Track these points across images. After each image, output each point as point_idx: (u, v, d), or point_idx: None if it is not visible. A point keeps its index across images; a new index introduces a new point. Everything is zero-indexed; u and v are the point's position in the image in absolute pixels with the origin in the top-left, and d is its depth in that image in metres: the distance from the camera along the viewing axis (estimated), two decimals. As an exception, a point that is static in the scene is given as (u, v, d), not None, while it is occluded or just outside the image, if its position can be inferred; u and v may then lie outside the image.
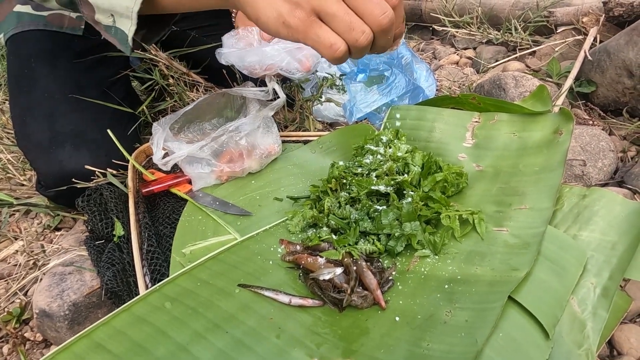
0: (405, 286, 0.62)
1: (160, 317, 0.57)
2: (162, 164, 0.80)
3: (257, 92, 0.86)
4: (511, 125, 0.87)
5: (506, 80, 1.10)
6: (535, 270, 0.59)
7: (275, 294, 0.61)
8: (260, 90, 0.86)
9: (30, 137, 0.91)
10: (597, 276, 0.60)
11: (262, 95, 0.85)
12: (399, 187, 0.73)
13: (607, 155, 0.90)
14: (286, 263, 0.68)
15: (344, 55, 0.52)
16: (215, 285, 0.62)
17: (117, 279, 0.70)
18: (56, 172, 0.87)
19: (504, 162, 0.82)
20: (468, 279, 0.60)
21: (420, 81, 1.11)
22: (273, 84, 0.85)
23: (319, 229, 0.72)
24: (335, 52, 0.51)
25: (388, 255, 0.68)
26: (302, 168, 0.90)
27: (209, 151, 0.82)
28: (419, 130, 0.92)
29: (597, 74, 1.06)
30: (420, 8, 1.67)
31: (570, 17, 1.27)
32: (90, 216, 0.81)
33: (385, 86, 1.01)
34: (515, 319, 0.54)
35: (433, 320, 0.55)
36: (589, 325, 0.55)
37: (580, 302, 0.57)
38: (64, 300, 0.71)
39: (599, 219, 0.68)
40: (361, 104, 1.00)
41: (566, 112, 0.81)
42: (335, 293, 0.60)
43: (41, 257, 0.86)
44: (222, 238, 0.74)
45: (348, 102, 1.03)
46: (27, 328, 0.77)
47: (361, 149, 0.82)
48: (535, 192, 0.72)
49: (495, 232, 0.68)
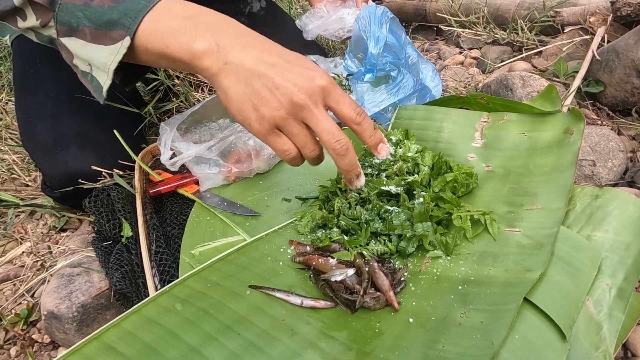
0: (417, 287, 0.61)
1: (171, 318, 0.56)
2: (169, 165, 0.79)
3: None
4: (520, 125, 0.86)
5: (513, 80, 1.10)
6: (549, 271, 0.58)
7: (287, 295, 0.60)
8: None
9: (35, 138, 0.90)
10: (612, 277, 0.60)
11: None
12: (409, 187, 0.72)
13: (616, 156, 0.89)
14: (296, 264, 0.67)
15: (297, 160, 0.59)
16: (225, 287, 0.62)
17: (126, 280, 0.70)
18: (61, 173, 0.87)
19: (514, 162, 0.81)
20: (482, 280, 0.59)
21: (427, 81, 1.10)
22: None
23: (328, 229, 0.72)
24: (287, 157, 0.58)
25: (399, 256, 0.67)
26: (310, 168, 0.89)
27: (216, 151, 0.81)
28: (427, 130, 0.92)
29: (605, 73, 1.05)
30: (424, 8, 1.66)
31: (577, 17, 1.26)
32: (97, 217, 0.81)
33: (393, 86, 1.01)
34: (531, 321, 0.53)
35: (447, 321, 0.54)
36: (605, 326, 0.54)
37: (595, 303, 0.57)
38: (72, 302, 0.70)
39: (612, 219, 0.67)
40: (369, 103, 0.99)
41: (576, 112, 0.80)
42: (347, 294, 0.59)
43: (48, 259, 0.86)
44: (231, 239, 0.74)
45: (356, 102, 1.02)
46: (34, 330, 0.77)
47: (370, 149, 0.82)
48: (546, 193, 0.72)
49: (508, 232, 0.67)
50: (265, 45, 0.57)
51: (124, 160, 0.89)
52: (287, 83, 0.53)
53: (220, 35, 0.55)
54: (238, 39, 0.56)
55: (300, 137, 0.56)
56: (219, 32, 0.56)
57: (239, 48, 0.54)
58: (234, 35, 0.56)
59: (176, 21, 0.55)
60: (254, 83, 0.54)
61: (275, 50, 0.57)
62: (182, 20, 0.55)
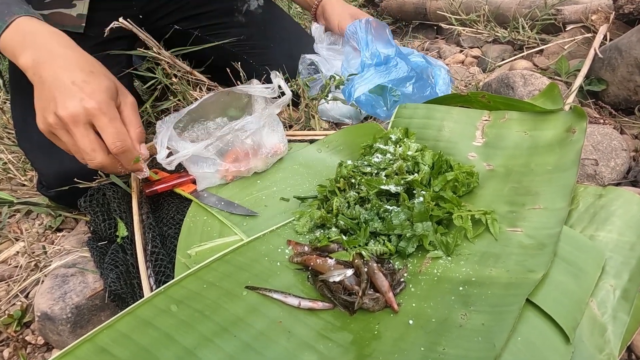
0: (417, 288, 0.60)
1: (166, 320, 0.55)
2: (165, 163, 0.78)
3: (263, 89, 0.84)
4: (522, 124, 0.85)
5: (514, 79, 1.09)
6: (552, 271, 0.57)
7: (284, 296, 0.59)
8: (265, 88, 0.84)
9: (31, 138, 0.89)
10: (616, 278, 0.58)
11: (268, 93, 0.84)
12: (409, 186, 0.71)
13: (619, 155, 0.88)
14: (294, 264, 0.66)
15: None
16: (222, 288, 0.61)
17: (121, 280, 0.69)
18: (57, 172, 0.86)
19: (516, 161, 0.80)
20: (483, 280, 0.58)
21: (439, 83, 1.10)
22: (279, 80, 0.83)
23: (327, 229, 0.71)
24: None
25: (399, 256, 0.66)
26: (308, 168, 0.89)
27: (214, 150, 0.80)
28: (427, 129, 0.91)
29: (607, 72, 1.04)
30: (425, 7, 1.65)
31: (578, 15, 1.25)
32: (92, 217, 0.80)
33: (384, 68, 1.01)
34: (534, 323, 0.52)
35: (448, 323, 0.53)
36: (610, 328, 0.53)
37: (599, 304, 0.56)
38: (66, 303, 0.69)
39: (616, 219, 0.66)
40: (358, 84, 0.99)
41: (579, 111, 0.79)
42: (345, 295, 0.58)
43: (42, 259, 0.85)
44: (228, 239, 0.73)
45: (347, 85, 1.02)
46: (28, 331, 0.75)
47: (370, 147, 0.81)
48: (549, 192, 0.70)
49: (509, 232, 0.66)
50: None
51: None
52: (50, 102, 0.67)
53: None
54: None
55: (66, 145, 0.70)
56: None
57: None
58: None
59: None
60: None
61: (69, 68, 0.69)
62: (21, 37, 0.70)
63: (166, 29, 1.11)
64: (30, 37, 0.70)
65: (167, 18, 1.12)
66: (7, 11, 0.71)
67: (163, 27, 1.11)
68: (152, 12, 1.09)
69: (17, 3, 0.73)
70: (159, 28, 1.09)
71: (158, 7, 1.09)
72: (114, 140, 0.67)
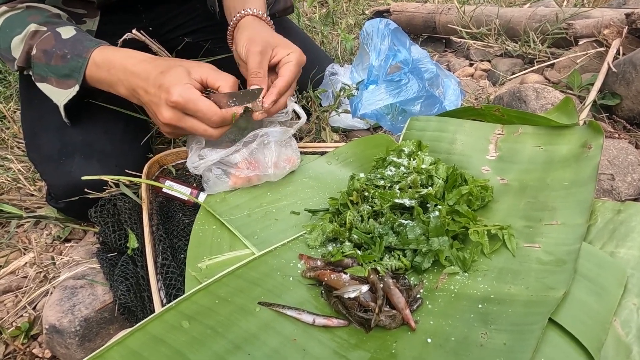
0: (435, 305, 0.58)
1: (177, 337, 0.54)
2: (193, 168, 0.79)
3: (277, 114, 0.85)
4: (536, 138, 0.84)
5: (527, 92, 1.08)
6: (573, 289, 0.56)
7: (298, 313, 0.58)
8: (279, 113, 0.85)
9: (40, 149, 0.89)
10: (639, 296, 0.57)
11: (282, 117, 0.85)
12: (423, 200, 0.70)
13: (636, 170, 0.87)
14: (307, 279, 0.64)
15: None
16: (234, 303, 0.59)
17: (131, 293, 0.68)
18: (66, 183, 0.85)
19: (530, 175, 0.79)
20: (502, 298, 0.56)
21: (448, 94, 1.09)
22: (293, 104, 0.84)
23: (340, 243, 0.70)
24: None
25: (414, 271, 0.65)
26: (319, 180, 0.88)
27: (240, 157, 0.80)
28: (439, 141, 0.90)
29: (621, 86, 1.03)
30: (434, 20, 1.65)
31: (590, 30, 1.25)
32: (102, 227, 0.79)
33: (394, 87, 0.99)
34: (556, 343, 0.50)
35: (468, 342, 0.52)
36: (635, 349, 0.51)
37: (623, 324, 0.54)
38: (75, 316, 0.68)
39: (636, 235, 0.64)
40: (367, 101, 0.98)
41: (595, 126, 0.78)
42: (361, 312, 0.56)
43: (51, 270, 0.84)
44: (239, 252, 0.72)
45: (354, 97, 1.01)
46: (35, 344, 0.74)
47: (383, 160, 0.80)
48: (566, 207, 0.69)
49: (527, 248, 0.64)
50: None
51: (129, 169, 0.87)
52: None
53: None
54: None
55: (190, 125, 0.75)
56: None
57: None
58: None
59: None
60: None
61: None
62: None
63: (176, 41, 1.11)
64: (113, 69, 0.77)
65: (177, 30, 1.12)
66: (82, 47, 0.78)
67: (173, 40, 1.11)
68: (162, 25, 1.10)
69: (85, 37, 0.80)
70: (169, 40, 1.09)
71: (167, 19, 1.09)
72: (207, 119, 0.73)
